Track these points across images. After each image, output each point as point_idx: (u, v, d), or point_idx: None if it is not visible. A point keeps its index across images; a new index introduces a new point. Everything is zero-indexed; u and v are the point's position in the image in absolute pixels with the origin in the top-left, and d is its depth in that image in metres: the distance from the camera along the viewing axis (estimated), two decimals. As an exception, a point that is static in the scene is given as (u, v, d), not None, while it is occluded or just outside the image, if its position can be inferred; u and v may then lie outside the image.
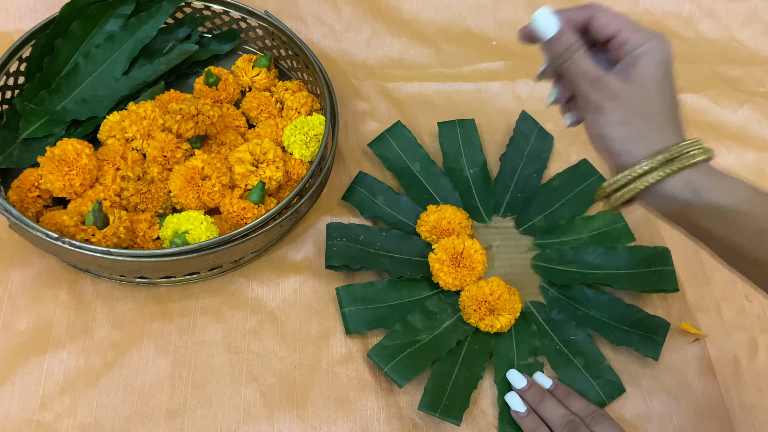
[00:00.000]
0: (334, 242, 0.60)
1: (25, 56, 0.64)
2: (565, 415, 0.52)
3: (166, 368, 0.55)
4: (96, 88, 0.66)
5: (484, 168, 0.68)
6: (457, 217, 0.62)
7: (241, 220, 0.58)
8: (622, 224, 0.66)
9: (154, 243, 0.57)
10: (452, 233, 0.61)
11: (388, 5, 0.78)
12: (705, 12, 0.82)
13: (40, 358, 0.54)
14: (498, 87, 0.77)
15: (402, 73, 0.77)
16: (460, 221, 0.62)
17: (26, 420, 0.52)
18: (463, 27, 0.80)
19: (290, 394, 0.55)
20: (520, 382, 0.55)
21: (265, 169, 0.59)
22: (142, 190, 0.59)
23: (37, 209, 0.58)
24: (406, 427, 0.54)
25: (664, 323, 0.59)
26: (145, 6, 0.68)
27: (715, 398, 0.58)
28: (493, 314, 0.57)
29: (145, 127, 0.61)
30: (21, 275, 0.58)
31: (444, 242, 0.59)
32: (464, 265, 0.59)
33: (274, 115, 0.67)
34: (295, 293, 0.60)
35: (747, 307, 0.63)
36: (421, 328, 0.57)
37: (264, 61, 0.69)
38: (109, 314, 0.57)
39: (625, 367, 0.59)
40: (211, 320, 0.58)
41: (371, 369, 0.57)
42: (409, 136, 0.69)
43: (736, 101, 0.77)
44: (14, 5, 0.73)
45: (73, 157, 0.57)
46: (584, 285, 0.61)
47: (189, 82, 0.70)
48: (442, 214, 0.62)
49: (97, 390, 0.53)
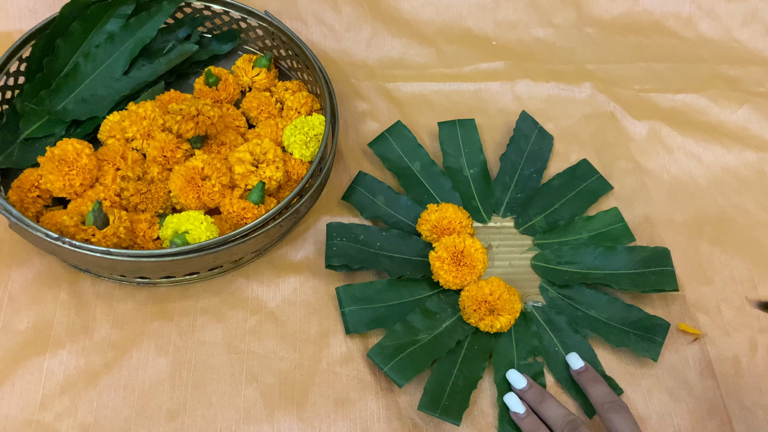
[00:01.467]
0: (334, 242, 0.60)
1: (25, 56, 0.64)
2: (565, 415, 0.52)
3: (166, 368, 0.55)
4: (96, 88, 0.66)
5: (484, 168, 0.68)
6: (458, 216, 0.62)
7: (241, 220, 0.58)
8: (622, 224, 0.66)
9: (154, 243, 0.57)
10: (453, 232, 0.61)
11: (388, 5, 0.78)
12: (705, 12, 0.82)
13: (40, 358, 0.54)
14: (498, 87, 0.77)
15: (402, 73, 0.77)
16: (461, 221, 0.62)
17: (26, 420, 0.52)
18: (463, 27, 0.80)
19: (290, 394, 0.55)
20: (520, 382, 0.55)
21: (265, 169, 0.59)
22: (142, 190, 0.59)
23: (37, 209, 0.58)
24: (406, 427, 0.54)
25: (663, 323, 0.59)
26: (145, 6, 0.68)
27: (715, 398, 0.58)
28: (493, 314, 0.57)
29: (145, 127, 0.61)
30: (21, 275, 0.58)
31: (445, 241, 0.59)
32: (465, 264, 0.59)
33: (274, 115, 0.67)
34: (295, 293, 0.60)
35: (747, 307, 0.63)
36: (421, 328, 0.57)
37: (264, 61, 0.69)
38: (109, 314, 0.57)
39: (625, 367, 0.59)
40: (211, 320, 0.58)
41: (371, 369, 0.57)
42: (409, 135, 0.69)
43: (736, 101, 0.77)
44: (14, 5, 0.73)
45: (73, 157, 0.57)
46: (584, 285, 0.61)
47: (189, 82, 0.70)
48: (443, 213, 0.62)
49: (97, 390, 0.53)
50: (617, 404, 0.52)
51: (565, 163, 0.71)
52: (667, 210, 0.69)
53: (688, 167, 0.72)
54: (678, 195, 0.70)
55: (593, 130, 0.74)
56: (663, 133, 0.74)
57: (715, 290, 0.64)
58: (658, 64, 0.81)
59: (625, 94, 0.77)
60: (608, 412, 0.52)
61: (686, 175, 0.72)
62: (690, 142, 0.74)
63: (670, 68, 0.80)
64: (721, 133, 0.75)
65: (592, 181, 0.69)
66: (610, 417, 0.51)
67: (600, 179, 0.69)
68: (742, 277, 0.65)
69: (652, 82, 0.79)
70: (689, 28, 0.82)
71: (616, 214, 0.66)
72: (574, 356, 0.57)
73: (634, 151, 0.73)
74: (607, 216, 0.66)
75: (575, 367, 0.56)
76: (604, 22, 0.81)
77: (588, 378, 0.55)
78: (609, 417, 0.51)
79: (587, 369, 0.56)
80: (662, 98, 0.78)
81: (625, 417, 0.51)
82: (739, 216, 0.69)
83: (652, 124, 0.75)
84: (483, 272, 0.59)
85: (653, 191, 0.70)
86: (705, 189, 0.71)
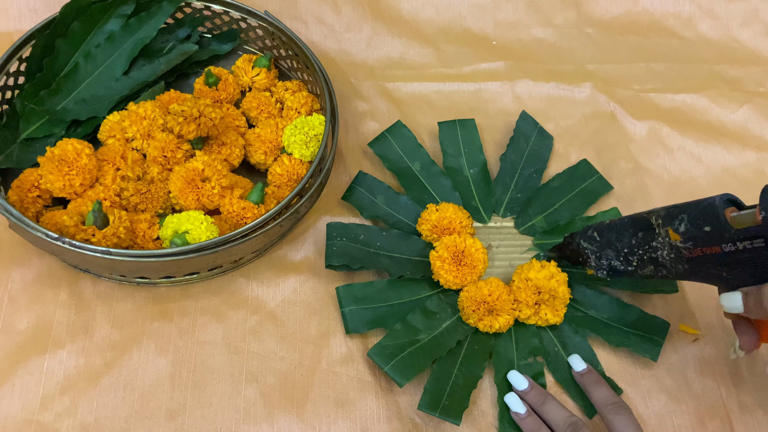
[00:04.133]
0: (334, 242, 0.60)
1: (25, 56, 0.64)
2: (567, 417, 0.52)
3: (166, 368, 0.55)
4: (96, 88, 0.66)
5: (484, 168, 0.68)
6: (458, 216, 0.62)
7: (241, 220, 0.58)
8: (622, 224, 0.66)
9: (154, 243, 0.57)
10: (453, 232, 0.61)
11: (388, 5, 0.78)
12: (705, 12, 0.82)
13: (40, 358, 0.54)
14: (498, 87, 0.77)
15: (402, 73, 0.77)
16: (461, 220, 0.62)
17: (26, 420, 0.52)
18: (463, 27, 0.80)
19: (290, 394, 0.55)
20: (522, 383, 0.55)
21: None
22: (142, 190, 0.59)
23: (37, 209, 0.58)
24: (406, 427, 0.54)
25: (663, 323, 0.59)
26: (145, 6, 0.68)
27: (715, 398, 0.58)
28: (492, 314, 0.57)
29: (145, 127, 0.61)
30: (21, 275, 0.58)
31: (446, 240, 0.59)
32: (465, 263, 0.59)
33: (274, 115, 0.67)
34: (295, 293, 0.60)
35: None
36: (421, 327, 0.57)
37: (264, 61, 0.69)
38: (109, 314, 0.57)
39: (625, 367, 0.59)
40: (211, 320, 0.58)
41: (371, 369, 0.57)
42: (409, 135, 0.69)
43: (736, 101, 0.77)
44: (14, 5, 0.73)
45: (73, 157, 0.57)
46: (583, 285, 0.61)
47: (189, 82, 0.70)
48: (443, 213, 0.62)
49: (97, 390, 0.53)
50: (620, 406, 0.52)
51: (565, 163, 0.71)
52: (667, 210, 0.69)
53: (688, 167, 0.72)
54: (678, 195, 0.70)
55: (593, 130, 0.74)
56: (663, 133, 0.74)
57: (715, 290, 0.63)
58: (658, 64, 0.81)
59: (625, 94, 0.77)
60: (611, 413, 0.52)
61: (686, 175, 0.72)
62: (690, 142, 0.74)
63: (670, 68, 0.80)
64: (721, 133, 0.75)
65: (592, 181, 0.69)
66: (612, 419, 0.51)
67: (600, 179, 0.69)
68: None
69: (652, 82, 0.79)
70: (689, 28, 0.82)
71: (616, 213, 0.66)
72: (576, 358, 0.57)
73: (634, 151, 0.73)
74: (607, 216, 0.66)
75: (577, 369, 0.56)
76: (604, 22, 0.81)
77: (590, 380, 0.55)
78: (612, 419, 0.51)
79: (590, 371, 0.56)
80: (662, 98, 0.78)
81: (628, 419, 0.51)
82: (739, 216, 0.69)
83: (652, 124, 0.75)
84: (483, 272, 0.59)
85: (653, 191, 0.70)
86: (705, 189, 0.71)
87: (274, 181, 0.62)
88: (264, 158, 0.64)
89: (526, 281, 0.58)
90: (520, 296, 0.57)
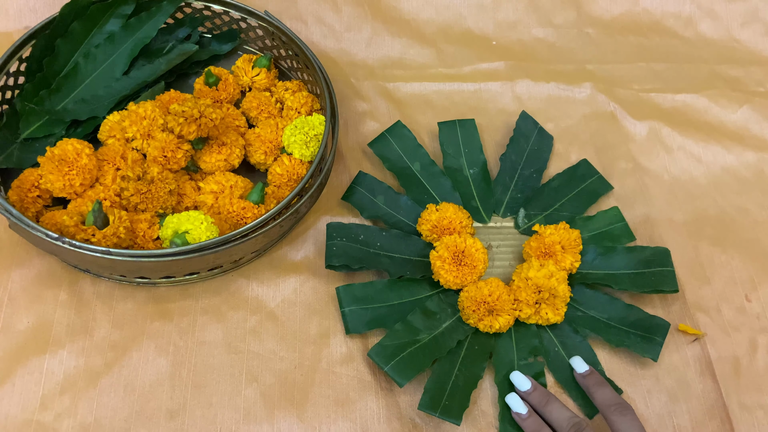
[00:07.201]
0: (334, 242, 0.60)
1: (25, 56, 0.64)
2: (570, 417, 0.52)
3: (166, 368, 0.55)
4: (96, 88, 0.66)
5: (484, 168, 0.68)
6: (458, 216, 0.62)
7: (241, 220, 0.58)
8: (622, 224, 0.66)
9: (154, 243, 0.57)
10: (453, 232, 0.61)
11: (388, 5, 0.78)
12: (705, 12, 0.82)
13: (40, 358, 0.54)
14: (498, 87, 0.77)
15: (402, 73, 0.77)
16: (461, 221, 0.62)
17: (26, 420, 0.52)
18: (463, 27, 0.80)
19: (290, 394, 0.55)
20: (524, 384, 0.55)
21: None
22: (142, 190, 0.59)
23: (37, 209, 0.58)
24: (406, 427, 0.54)
25: (663, 323, 0.59)
26: (145, 6, 0.68)
27: (715, 398, 0.58)
28: (492, 315, 0.57)
29: (145, 127, 0.61)
30: (21, 275, 0.58)
31: (446, 240, 0.59)
32: (466, 263, 0.59)
33: (274, 115, 0.67)
34: (295, 293, 0.60)
35: (747, 307, 0.63)
36: (421, 327, 0.57)
37: (264, 61, 0.69)
38: (109, 314, 0.57)
39: (625, 367, 0.59)
40: (211, 320, 0.58)
41: (371, 369, 0.57)
42: (409, 135, 0.69)
43: (736, 101, 0.77)
44: (14, 5, 0.73)
45: (73, 157, 0.57)
46: (584, 285, 0.61)
47: (189, 82, 0.70)
48: (443, 213, 0.62)
49: (97, 390, 0.53)
50: (623, 407, 0.52)
51: (565, 163, 0.71)
52: (667, 210, 0.69)
53: (688, 167, 0.72)
54: (678, 195, 0.70)
55: (593, 130, 0.74)
56: (663, 133, 0.74)
57: (715, 290, 0.64)
58: (658, 64, 0.81)
59: (625, 94, 0.77)
60: (614, 414, 0.52)
61: (686, 175, 0.72)
62: (690, 142, 0.74)
63: (670, 68, 0.80)
64: (721, 133, 0.75)
65: (592, 181, 0.69)
66: (617, 420, 0.51)
67: (600, 179, 0.69)
68: (742, 278, 0.65)
69: (652, 82, 0.79)
70: (689, 28, 0.82)
71: (616, 213, 0.66)
72: (578, 360, 0.57)
73: (634, 151, 0.73)
74: (607, 216, 0.66)
75: (580, 370, 0.56)
76: (604, 22, 0.81)
77: (593, 381, 0.55)
78: (616, 420, 0.51)
79: (592, 372, 0.56)
80: (662, 98, 0.78)
81: (632, 420, 0.51)
82: (739, 216, 0.69)
83: (652, 124, 0.75)
84: (483, 272, 0.59)
85: (653, 191, 0.70)
86: (705, 189, 0.71)
87: (274, 181, 0.63)
88: (264, 158, 0.64)
89: (526, 280, 0.58)
90: (520, 296, 0.58)
